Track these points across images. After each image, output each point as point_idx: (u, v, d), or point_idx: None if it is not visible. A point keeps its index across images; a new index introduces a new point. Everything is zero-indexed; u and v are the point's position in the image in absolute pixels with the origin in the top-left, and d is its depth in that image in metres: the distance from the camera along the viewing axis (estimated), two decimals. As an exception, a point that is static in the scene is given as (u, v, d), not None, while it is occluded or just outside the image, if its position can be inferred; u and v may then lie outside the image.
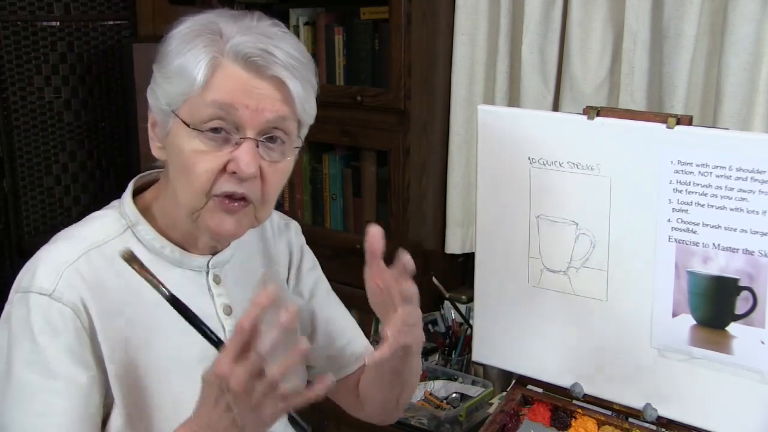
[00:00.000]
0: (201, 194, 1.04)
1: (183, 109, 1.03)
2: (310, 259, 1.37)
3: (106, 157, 3.18)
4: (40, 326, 1.00)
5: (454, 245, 2.17)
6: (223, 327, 1.12)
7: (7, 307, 1.05)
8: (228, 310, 1.13)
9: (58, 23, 2.97)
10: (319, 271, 1.37)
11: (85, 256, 1.04)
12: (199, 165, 1.03)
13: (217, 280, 1.13)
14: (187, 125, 1.02)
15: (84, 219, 1.13)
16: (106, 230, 1.08)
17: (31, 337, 1.00)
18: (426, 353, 1.91)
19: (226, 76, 1.01)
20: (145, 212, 1.10)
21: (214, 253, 1.13)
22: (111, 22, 3.09)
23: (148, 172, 1.16)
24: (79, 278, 1.03)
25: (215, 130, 1.02)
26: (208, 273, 1.13)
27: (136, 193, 1.14)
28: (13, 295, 1.04)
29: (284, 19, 2.25)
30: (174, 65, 1.03)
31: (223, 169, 1.03)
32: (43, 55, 2.96)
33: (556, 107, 1.98)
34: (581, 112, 1.39)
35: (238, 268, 1.16)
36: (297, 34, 2.24)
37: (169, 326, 1.07)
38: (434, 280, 2.02)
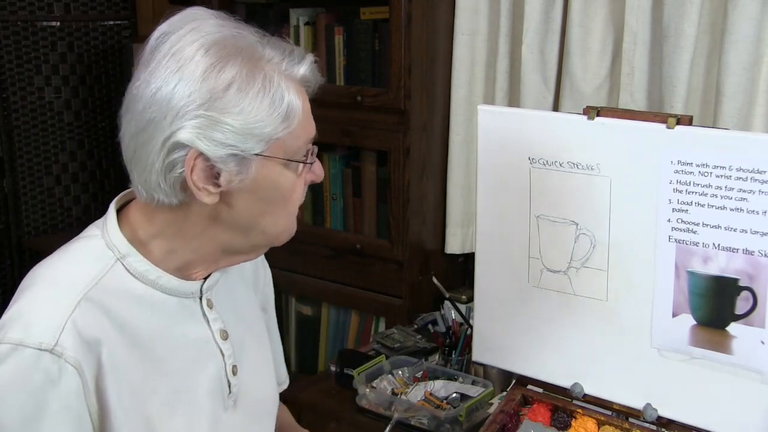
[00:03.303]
0: (295, 217, 1.05)
1: (274, 146, 0.97)
2: (269, 273, 1.32)
3: (106, 157, 3.18)
4: (39, 385, 0.92)
5: (454, 245, 2.17)
6: (222, 352, 1.09)
7: None
8: (224, 335, 1.09)
9: (58, 23, 2.97)
10: (272, 286, 1.33)
11: (81, 303, 0.96)
12: (297, 191, 1.03)
13: (210, 305, 1.08)
14: (286, 160, 0.99)
15: (66, 250, 1.04)
16: (95, 267, 1.00)
17: (26, 399, 0.92)
18: (426, 353, 1.91)
19: (305, 100, 1.01)
20: (135, 241, 1.02)
21: (204, 278, 1.08)
22: (111, 22, 3.09)
23: (128, 191, 1.06)
24: (78, 330, 0.95)
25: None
26: (201, 298, 1.07)
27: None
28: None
29: (284, 19, 2.26)
30: (255, 106, 0.95)
31: None
32: (43, 55, 2.96)
33: (556, 107, 1.98)
34: (581, 112, 1.39)
35: (224, 288, 1.12)
36: (297, 34, 2.24)
37: (173, 360, 1.04)
38: (434, 280, 2.02)
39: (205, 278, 1.07)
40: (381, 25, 2.08)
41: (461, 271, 2.25)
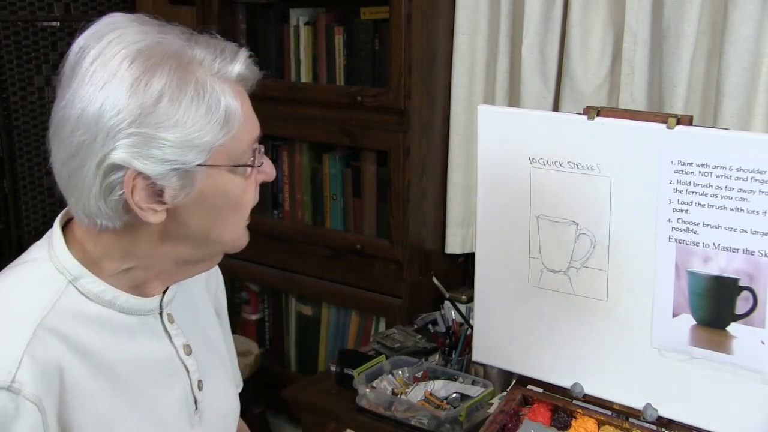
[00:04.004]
0: (245, 223, 1.00)
1: (217, 154, 0.92)
2: (221, 277, 1.25)
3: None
4: None
5: (454, 245, 2.17)
6: (187, 368, 1.05)
7: None
8: (188, 350, 1.06)
9: (58, 23, 2.97)
10: (224, 290, 1.27)
11: (37, 333, 0.90)
12: (248, 195, 0.98)
13: (171, 319, 1.04)
14: (232, 166, 0.94)
15: (10, 277, 0.97)
16: (47, 292, 0.94)
17: None
18: (426, 353, 1.91)
19: (244, 100, 0.95)
20: (86, 261, 0.96)
21: (163, 292, 1.03)
22: (111, 22, 3.09)
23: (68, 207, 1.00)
24: (36, 363, 0.89)
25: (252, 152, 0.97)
26: (161, 314, 1.03)
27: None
28: None
29: (284, 19, 2.26)
30: (191, 116, 0.89)
31: None
32: (43, 55, 2.96)
33: (556, 107, 1.98)
34: (581, 112, 1.39)
35: (182, 300, 1.07)
36: (297, 34, 2.24)
37: (138, 382, 1.00)
38: (434, 280, 2.02)
39: (164, 292, 1.03)
40: (381, 25, 2.08)
41: (461, 271, 2.25)
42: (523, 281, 1.48)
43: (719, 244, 1.28)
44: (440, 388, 1.75)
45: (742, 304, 1.28)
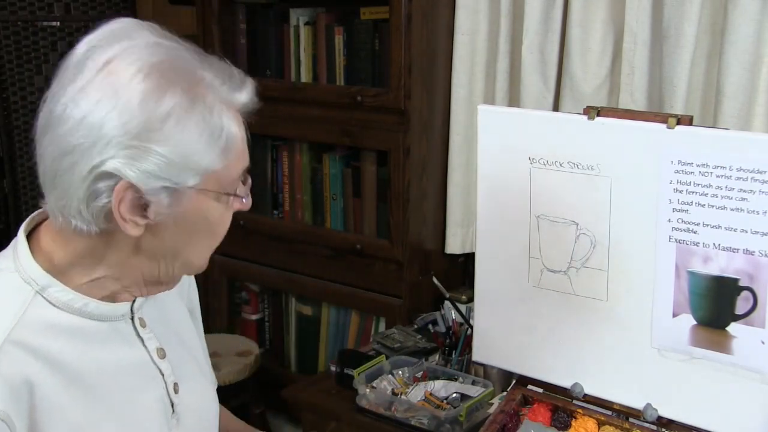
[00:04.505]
0: (213, 249, 1.00)
1: (209, 179, 0.91)
2: (192, 277, 1.24)
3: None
4: None
5: (454, 245, 2.17)
6: (161, 372, 1.04)
7: None
8: (162, 353, 1.04)
9: (58, 23, 2.97)
10: (197, 290, 1.26)
11: (3, 348, 0.89)
12: (224, 223, 0.98)
13: (143, 323, 1.03)
14: (221, 193, 0.94)
15: None
16: (13, 304, 0.92)
17: None
18: (426, 353, 1.91)
19: (243, 129, 0.95)
20: (53, 270, 0.94)
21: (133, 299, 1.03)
22: (111, 22, 3.09)
23: (35, 213, 0.99)
24: (4, 379, 0.87)
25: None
26: (133, 318, 1.02)
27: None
28: None
29: (284, 19, 2.26)
30: (194, 138, 0.89)
31: None
32: (44, 55, 2.96)
33: (556, 107, 1.98)
34: (581, 112, 1.39)
35: (153, 303, 1.06)
36: (297, 34, 2.24)
37: (113, 390, 0.98)
38: (434, 280, 2.02)
39: (135, 298, 1.02)
40: (381, 25, 2.08)
41: (461, 271, 2.25)
42: (523, 281, 1.48)
43: (719, 244, 1.28)
44: (440, 388, 1.75)
45: (742, 304, 1.28)
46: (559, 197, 1.42)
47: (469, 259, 2.20)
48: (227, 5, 2.35)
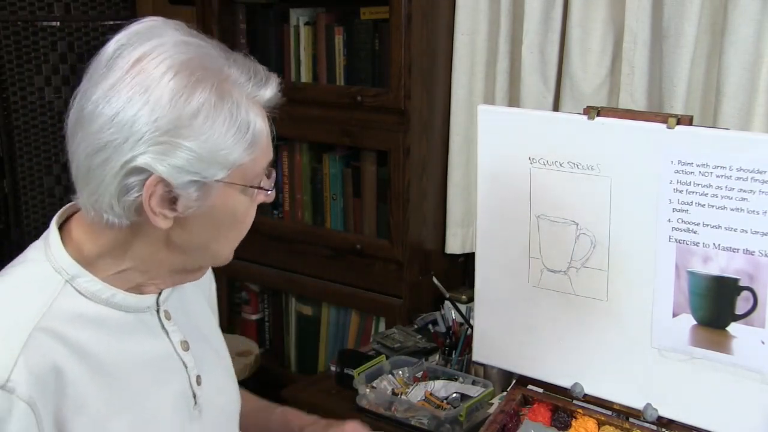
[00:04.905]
0: (239, 241, 1.04)
1: (235, 172, 0.95)
2: (211, 271, 1.25)
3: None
4: None
5: (454, 245, 2.17)
6: (185, 364, 1.06)
7: None
8: (185, 346, 1.07)
9: (58, 23, 2.97)
10: (215, 283, 1.29)
11: (33, 335, 0.91)
12: (250, 216, 1.02)
13: (168, 316, 1.05)
14: (246, 186, 0.98)
15: (7, 278, 0.98)
16: (43, 293, 0.95)
17: None
18: (426, 353, 1.91)
19: (267, 124, 0.99)
20: (83, 261, 0.97)
21: (159, 291, 1.05)
22: (111, 22, 3.09)
23: (67, 206, 1.02)
24: (32, 365, 0.90)
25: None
26: (158, 311, 1.04)
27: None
28: None
29: (284, 19, 2.26)
30: (222, 134, 0.92)
31: None
32: (44, 55, 2.96)
33: (556, 107, 1.98)
34: (581, 112, 1.39)
35: (178, 296, 1.09)
36: (297, 34, 2.24)
37: (136, 380, 1.00)
38: (434, 280, 2.02)
39: (161, 291, 1.05)
40: (381, 25, 2.08)
41: (461, 271, 2.25)
42: (523, 281, 1.48)
43: (719, 244, 1.28)
44: (440, 388, 1.75)
45: (742, 304, 1.28)
46: (559, 197, 1.42)
47: (469, 259, 2.20)
48: (227, 5, 2.35)
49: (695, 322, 1.33)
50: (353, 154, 2.24)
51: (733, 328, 1.30)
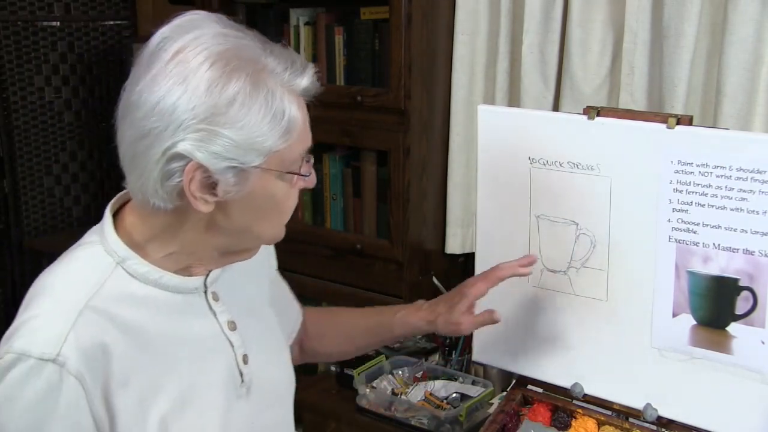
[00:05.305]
0: (284, 222, 1.07)
1: (272, 159, 0.98)
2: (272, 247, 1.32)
3: (106, 157, 3.18)
4: (41, 394, 0.94)
5: (454, 245, 2.17)
6: (231, 343, 1.10)
7: None
8: (233, 326, 1.11)
9: (58, 23, 2.97)
10: (275, 254, 1.34)
11: (84, 313, 0.97)
12: (291, 199, 1.05)
13: (216, 297, 1.10)
14: (284, 172, 1.01)
15: (67, 258, 1.04)
16: (96, 274, 1.01)
17: (29, 407, 0.94)
18: (426, 353, 1.91)
19: (304, 112, 1.03)
20: (133, 245, 1.03)
21: (207, 272, 1.10)
22: (111, 22, 3.09)
23: (122, 193, 1.07)
24: (81, 340, 0.96)
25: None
26: (206, 292, 1.09)
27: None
28: (3, 358, 0.95)
29: (284, 19, 2.26)
30: (257, 121, 0.95)
31: None
32: (44, 55, 2.96)
33: (556, 107, 1.98)
34: (581, 112, 1.39)
35: (229, 278, 1.13)
36: (297, 34, 2.24)
37: (183, 357, 1.05)
38: (434, 280, 2.02)
39: (209, 272, 1.09)
40: (381, 25, 2.08)
41: (461, 271, 2.25)
42: (523, 281, 1.48)
43: (719, 244, 1.28)
44: (440, 388, 1.75)
45: (742, 304, 1.28)
46: (559, 197, 1.42)
47: (469, 259, 2.20)
48: (227, 5, 2.35)
49: (695, 322, 1.33)
50: (353, 154, 2.24)
51: (733, 328, 1.30)
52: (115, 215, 1.06)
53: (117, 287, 1.01)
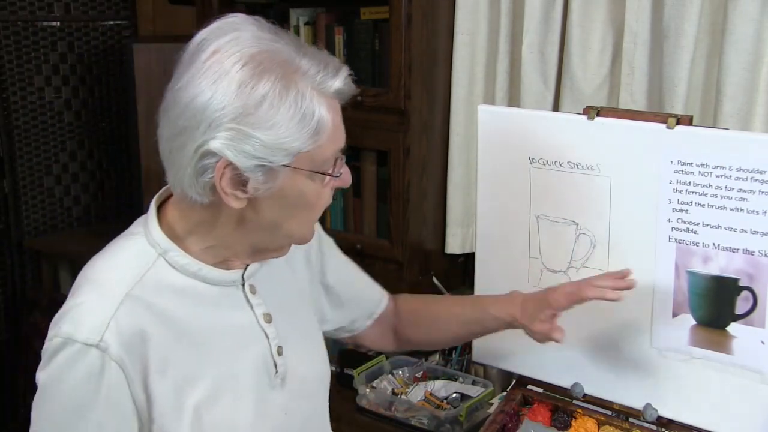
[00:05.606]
0: (315, 221, 1.11)
1: (301, 158, 1.01)
2: (319, 235, 1.33)
3: (106, 157, 3.18)
4: (85, 377, 1.00)
5: (454, 245, 2.17)
6: (266, 335, 1.13)
7: (47, 349, 1.02)
8: (268, 318, 1.14)
9: (58, 23, 2.97)
10: (327, 240, 1.36)
11: (125, 301, 1.02)
12: (323, 199, 1.08)
13: (253, 290, 1.13)
14: (313, 172, 1.03)
15: (112, 248, 1.09)
16: (138, 264, 1.06)
17: (73, 390, 1.00)
18: (426, 353, 1.91)
19: (336, 113, 1.05)
20: (174, 237, 1.07)
21: (245, 266, 1.13)
22: (111, 22, 3.09)
23: (165, 188, 1.11)
24: (122, 328, 1.01)
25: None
26: (243, 285, 1.12)
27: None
28: (52, 341, 1.01)
29: (284, 19, 2.26)
30: (286, 122, 0.98)
31: None
32: (44, 55, 2.96)
33: (556, 107, 1.98)
34: (581, 112, 1.39)
35: (267, 272, 1.16)
36: (297, 34, 2.24)
37: (218, 347, 1.09)
38: (434, 280, 2.02)
39: (246, 266, 1.12)
40: (381, 25, 2.08)
41: (461, 271, 2.25)
42: (523, 281, 1.48)
43: (719, 244, 1.28)
44: (440, 388, 1.75)
45: (742, 304, 1.28)
46: (559, 197, 1.42)
47: (469, 259, 2.20)
48: (227, 5, 2.35)
49: (695, 322, 1.33)
50: (353, 154, 2.24)
51: (732, 328, 1.30)
52: (159, 209, 1.10)
53: (158, 277, 1.05)
